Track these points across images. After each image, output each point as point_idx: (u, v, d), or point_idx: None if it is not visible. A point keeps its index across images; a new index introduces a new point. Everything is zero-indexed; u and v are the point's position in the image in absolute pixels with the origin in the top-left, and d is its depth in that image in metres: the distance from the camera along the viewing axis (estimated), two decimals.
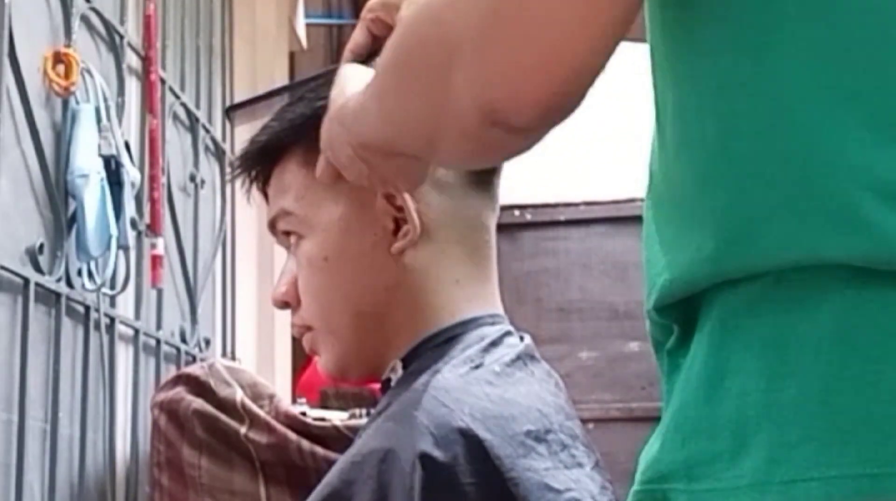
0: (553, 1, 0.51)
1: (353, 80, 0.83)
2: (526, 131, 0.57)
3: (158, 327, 1.98)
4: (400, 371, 0.91)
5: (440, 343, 0.91)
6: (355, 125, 0.77)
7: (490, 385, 0.85)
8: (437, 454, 0.77)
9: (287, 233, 0.98)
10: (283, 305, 0.99)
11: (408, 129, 0.67)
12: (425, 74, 0.59)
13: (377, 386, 0.97)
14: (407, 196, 0.90)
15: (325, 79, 0.97)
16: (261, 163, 0.99)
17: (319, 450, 1.55)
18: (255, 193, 1.02)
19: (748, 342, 0.52)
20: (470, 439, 0.78)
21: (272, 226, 0.99)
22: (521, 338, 0.95)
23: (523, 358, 0.91)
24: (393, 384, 0.91)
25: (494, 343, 0.91)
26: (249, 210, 2.13)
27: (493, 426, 0.80)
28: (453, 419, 0.79)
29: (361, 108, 0.74)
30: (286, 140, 0.97)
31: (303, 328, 0.98)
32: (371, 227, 0.93)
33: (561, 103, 0.53)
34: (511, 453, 0.78)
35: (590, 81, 0.53)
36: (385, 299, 0.93)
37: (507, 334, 0.94)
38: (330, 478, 0.83)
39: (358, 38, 0.90)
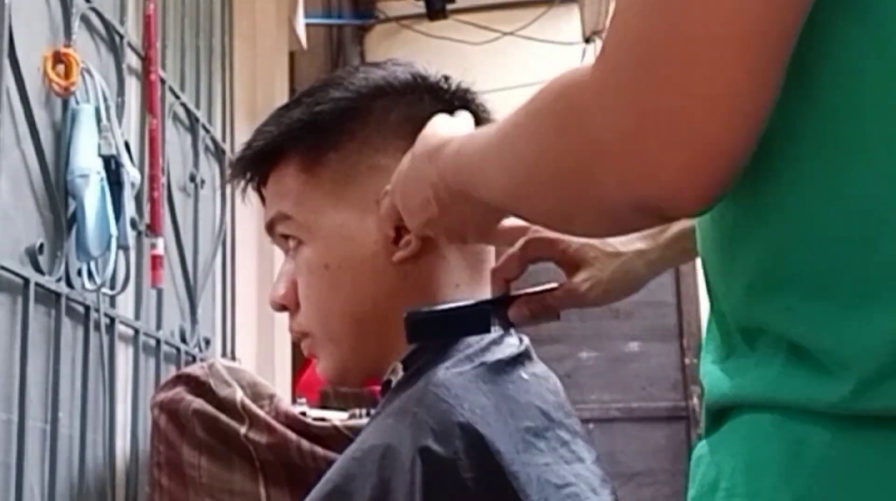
0: (698, 101, 0.49)
1: (446, 125, 0.82)
2: (682, 216, 0.55)
3: (158, 327, 1.98)
4: (400, 373, 0.91)
5: (440, 344, 0.91)
6: (459, 173, 0.75)
7: (490, 383, 0.85)
8: (438, 448, 0.77)
9: (285, 236, 0.97)
10: (281, 308, 0.98)
11: (542, 204, 0.64)
12: (563, 160, 0.57)
13: (377, 387, 0.96)
14: None
15: (322, 83, 0.97)
16: (258, 167, 0.98)
17: (319, 450, 1.55)
18: (252, 194, 1.01)
19: None
20: (470, 433, 0.78)
21: (270, 228, 0.99)
22: (520, 340, 0.95)
23: (522, 358, 0.91)
24: (393, 385, 0.91)
25: (494, 343, 0.91)
26: (249, 210, 2.13)
27: (492, 421, 0.80)
28: (453, 415, 0.79)
29: (476, 161, 0.71)
30: (284, 145, 0.96)
31: (301, 333, 0.98)
32: (372, 235, 0.92)
33: (720, 189, 0.51)
34: (511, 447, 0.78)
35: (743, 161, 0.51)
36: (385, 307, 0.92)
37: (506, 334, 0.94)
38: (331, 475, 0.83)
39: None
